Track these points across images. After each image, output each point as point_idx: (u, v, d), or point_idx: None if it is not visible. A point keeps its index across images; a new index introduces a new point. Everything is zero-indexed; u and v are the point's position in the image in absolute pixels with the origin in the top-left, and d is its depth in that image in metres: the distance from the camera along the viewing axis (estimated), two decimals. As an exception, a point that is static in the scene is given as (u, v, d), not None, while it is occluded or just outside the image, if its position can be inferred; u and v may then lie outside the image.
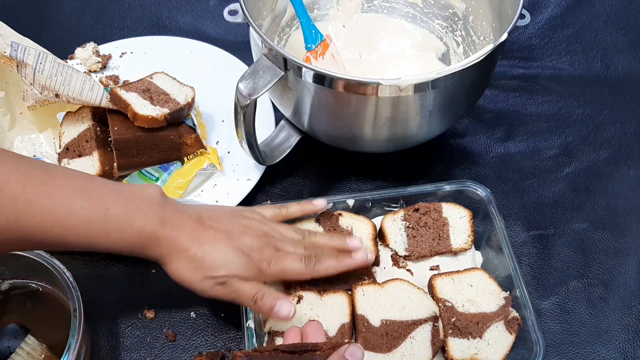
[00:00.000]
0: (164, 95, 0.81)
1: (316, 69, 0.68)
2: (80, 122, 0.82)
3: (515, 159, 0.90)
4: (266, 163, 0.82)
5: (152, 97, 0.80)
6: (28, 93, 0.83)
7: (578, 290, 0.78)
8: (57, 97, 0.79)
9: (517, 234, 0.83)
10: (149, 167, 0.81)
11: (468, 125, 0.94)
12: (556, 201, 0.86)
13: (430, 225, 0.76)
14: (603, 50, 1.04)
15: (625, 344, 0.74)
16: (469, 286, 0.71)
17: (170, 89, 0.83)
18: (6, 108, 0.85)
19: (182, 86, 0.84)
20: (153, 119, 0.77)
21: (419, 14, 0.96)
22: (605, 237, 0.82)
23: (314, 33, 0.83)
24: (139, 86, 0.82)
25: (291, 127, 0.85)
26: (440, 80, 0.68)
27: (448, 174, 0.88)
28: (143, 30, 1.05)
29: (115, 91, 0.79)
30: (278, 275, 0.67)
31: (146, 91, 0.81)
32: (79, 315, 0.63)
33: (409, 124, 0.75)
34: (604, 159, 0.90)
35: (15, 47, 0.76)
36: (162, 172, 0.81)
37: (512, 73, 1.00)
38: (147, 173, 0.81)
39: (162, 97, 0.81)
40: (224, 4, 0.78)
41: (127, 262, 0.79)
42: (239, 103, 0.69)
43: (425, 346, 0.67)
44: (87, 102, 0.79)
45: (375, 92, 0.68)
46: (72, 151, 0.81)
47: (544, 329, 0.74)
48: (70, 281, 0.65)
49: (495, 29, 0.84)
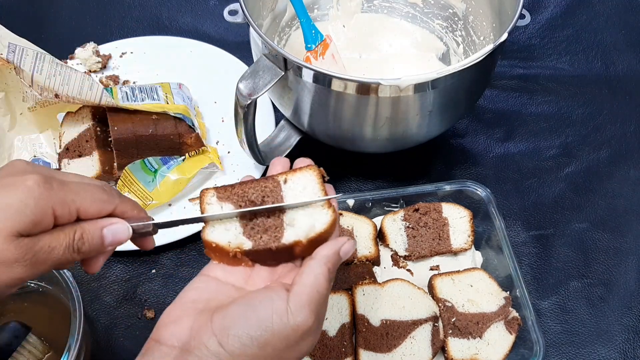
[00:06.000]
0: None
1: (316, 69, 0.68)
2: (80, 122, 0.82)
3: (516, 159, 0.90)
4: (266, 163, 0.82)
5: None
6: (28, 94, 0.83)
7: (578, 290, 0.78)
8: (56, 97, 0.79)
9: (517, 234, 0.83)
10: (151, 157, 0.81)
11: (468, 125, 0.94)
12: (556, 201, 0.86)
13: (431, 225, 0.76)
14: (603, 50, 1.04)
15: (625, 344, 0.74)
16: (469, 286, 0.71)
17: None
18: (6, 109, 0.85)
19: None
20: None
21: (419, 13, 0.95)
22: (605, 237, 0.82)
23: (314, 33, 0.83)
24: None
25: (291, 127, 0.85)
26: (440, 80, 0.68)
27: (448, 174, 0.88)
28: (143, 30, 1.05)
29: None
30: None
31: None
32: (79, 315, 0.63)
33: (409, 124, 0.75)
34: (604, 159, 0.90)
35: (12, 49, 0.76)
36: (162, 164, 0.81)
37: (512, 73, 1.00)
38: (148, 163, 0.80)
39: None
40: (224, 3, 0.78)
41: (127, 262, 0.79)
42: (239, 103, 0.69)
43: (425, 346, 0.67)
44: (87, 101, 0.79)
45: (375, 92, 0.68)
46: (72, 151, 0.81)
47: (544, 329, 0.74)
48: (70, 281, 0.65)
49: (495, 28, 0.84)
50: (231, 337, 0.42)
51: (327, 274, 0.45)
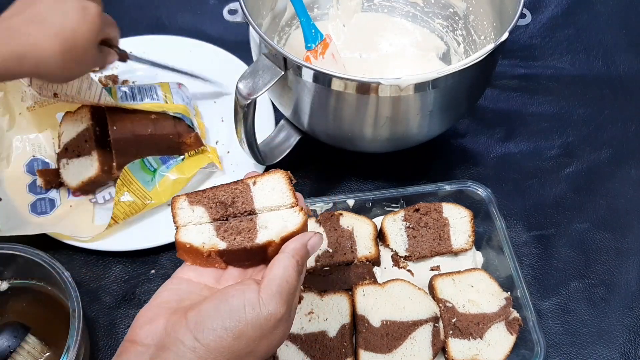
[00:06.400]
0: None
1: (316, 68, 0.67)
2: (79, 122, 0.82)
3: (516, 159, 0.90)
4: (266, 163, 0.82)
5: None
6: (27, 94, 0.83)
7: (579, 290, 0.78)
8: (55, 96, 0.79)
9: (518, 234, 0.82)
10: (150, 157, 0.81)
11: (468, 125, 0.94)
12: (557, 201, 0.86)
13: (431, 225, 0.76)
14: (604, 49, 1.03)
15: (626, 345, 0.74)
16: (469, 286, 0.71)
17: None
18: (5, 108, 0.85)
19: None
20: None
21: (419, 13, 0.95)
22: (607, 237, 0.82)
23: (313, 32, 0.83)
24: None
25: (291, 127, 0.85)
26: (440, 80, 0.68)
27: (448, 174, 0.88)
28: (142, 29, 1.04)
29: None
30: None
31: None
32: (78, 316, 0.63)
33: (409, 124, 0.75)
34: (605, 159, 0.90)
35: None
36: (161, 164, 0.81)
37: (512, 73, 1.00)
38: (147, 163, 0.80)
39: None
40: (224, 3, 0.78)
41: (127, 262, 0.79)
42: (239, 103, 0.69)
43: (426, 347, 0.67)
44: (86, 100, 0.79)
45: (375, 92, 0.68)
46: (71, 151, 0.81)
47: (544, 330, 0.74)
48: (69, 281, 0.65)
49: (496, 28, 0.84)
50: (206, 331, 0.43)
51: (295, 266, 0.46)
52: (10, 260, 0.68)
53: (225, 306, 0.44)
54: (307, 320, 0.68)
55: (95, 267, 0.78)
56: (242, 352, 0.44)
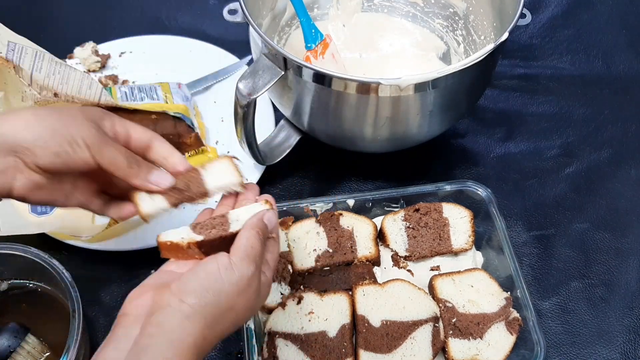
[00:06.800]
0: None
1: (316, 68, 0.67)
2: (79, 122, 0.82)
3: (516, 159, 0.90)
4: (266, 163, 0.82)
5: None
6: (27, 94, 0.83)
7: (579, 290, 0.78)
8: (55, 96, 0.79)
9: (518, 234, 0.82)
10: None
11: (468, 125, 0.94)
12: (557, 201, 0.86)
13: (431, 225, 0.76)
14: (604, 49, 1.03)
15: (626, 345, 0.74)
16: (469, 286, 0.71)
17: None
18: (5, 108, 0.84)
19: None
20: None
21: (419, 13, 0.95)
22: (607, 237, 0.82)
23: (313, 32, 0.83)
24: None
25: (291, 127, 0.85)
26: (440, 80, 0.68)
27: (448, 174, 0.88)
28: (142, 29, 1.04)
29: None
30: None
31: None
32: (78, 316, 0.63)
33: (409, 124, 0.75)
34: (605, 159, 0.90)
35: (11, 47, 0.75)
36: None
37: (512, 73, 1.00)
38: None
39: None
40: (224, 3, 0.77)
41: (126, 262, 0.78)
42: (239, 103, 0.69)
43: (426, 347, 0.67)
44: (86, 100, 0.79)
45: (375, 92, 0.68)
46: (71, 151, 0.81)
47: (544, 330, 0.74)
48: (69, 281, 0.65)
49: (496, 28, 0.84)
50: (188, 293, 0.50)
51: (257, 235, 0.54)
52: (10, 260, 0.68)
53: (203, 271, 0.51)
54: (307, 320, 0.68)
55: (95, 267, 0.78)
56: (224, 308, 0.51)
